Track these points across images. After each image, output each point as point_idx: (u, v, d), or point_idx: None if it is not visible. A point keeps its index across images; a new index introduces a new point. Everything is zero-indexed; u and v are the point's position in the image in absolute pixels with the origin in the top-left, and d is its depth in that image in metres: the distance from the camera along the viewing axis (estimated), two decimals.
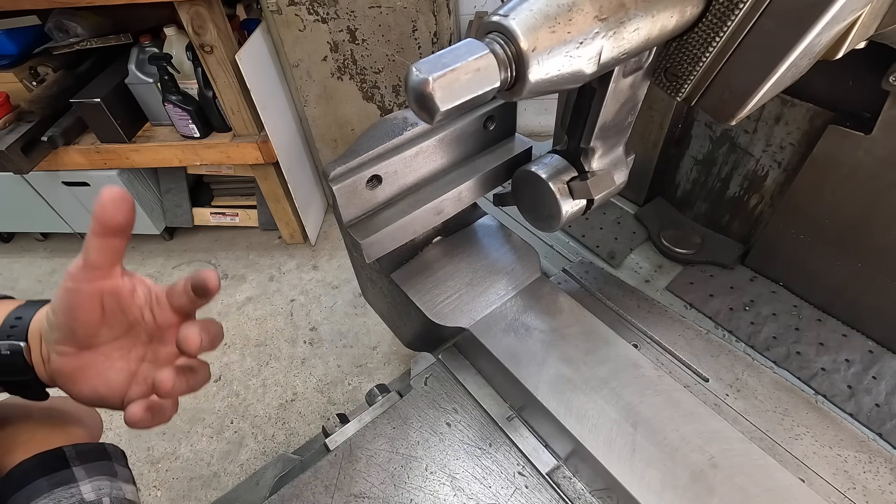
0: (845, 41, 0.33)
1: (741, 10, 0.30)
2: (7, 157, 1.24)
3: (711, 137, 0.63)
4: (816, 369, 0.54)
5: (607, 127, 0.41)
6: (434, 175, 0.51)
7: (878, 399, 0.51)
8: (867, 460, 0.45)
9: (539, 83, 0.29)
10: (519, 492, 0.45)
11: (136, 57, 1.36)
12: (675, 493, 0.40)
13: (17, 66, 1.39)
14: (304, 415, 1.26)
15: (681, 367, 0.53)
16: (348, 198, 0.45)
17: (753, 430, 0.47)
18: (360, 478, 0.47)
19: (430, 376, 0.54)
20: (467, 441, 0.49)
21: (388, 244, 0.49)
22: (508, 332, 0.51)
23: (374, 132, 0.46)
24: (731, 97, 0.34)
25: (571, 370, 0.48)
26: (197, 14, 1.18)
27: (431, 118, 0.29)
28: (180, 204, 1.75)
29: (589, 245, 0.70)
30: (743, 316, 0.59)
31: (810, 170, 0.53)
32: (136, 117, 1.48)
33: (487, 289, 0.55)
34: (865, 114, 0.49)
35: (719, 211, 0.67)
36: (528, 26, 0.27)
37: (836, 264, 0.56)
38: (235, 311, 1.53)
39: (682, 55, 0.34)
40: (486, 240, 0.60)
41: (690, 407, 0.45)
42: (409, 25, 1.41)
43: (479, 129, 0.51)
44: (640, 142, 0.68)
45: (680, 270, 0.66)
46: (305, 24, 1.41)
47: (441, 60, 0.28)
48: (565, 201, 0.45)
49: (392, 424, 0.50)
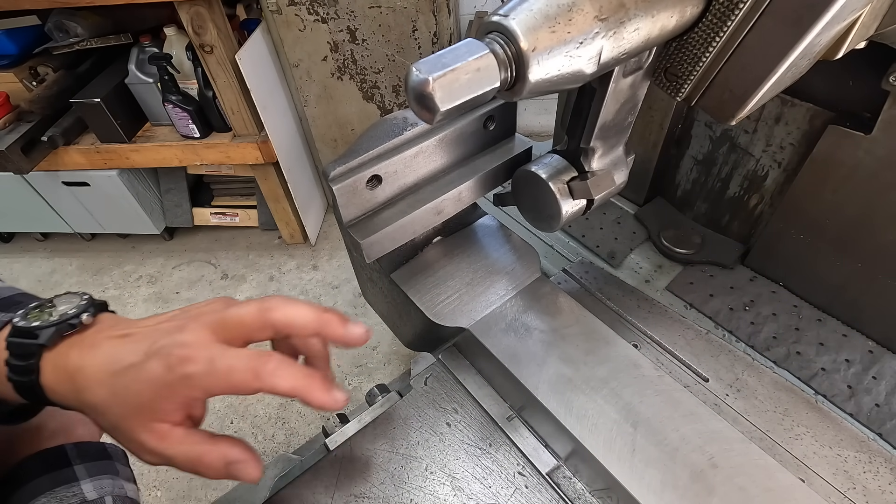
0: (845, 41, 0.33)
1: (741, 10, 0.30)
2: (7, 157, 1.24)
3: (711, 137, 0.63)
4: (816, 369, 0.54)
5: (607, 127, 0.41)
6: (434, 175, 0.51)
7: (878, 399, 0.51)
8: (867, 460, 0.45)
9: (539, 83, 0.29)
10: (519, 492, 0.45)
11: (136, 57, 1.36)
12: (675, 493, 0.40)
13: (17, 66, 1.39)
14: (304, 415, 1.26)
15: (681, 367, 0.53)
16: (348, 198, 0.45)
17: (753, 430, 0.47)
18: (360, 478, 0.47)
19: (430, 376, 0.54)
20: (467, 441, 0.49)
21: (388, 244, 0.49)
22: (508, 332, 0.51)
23: (374, 132, 0.46)
24: (731, 97, 0.34)
25: (571, 370, 0.48)
26: (197, 14, 1.18)
27: (431, 118, 0.29)
28: (180, 204, 1.75)
29: (589, 245, 0.70)
30: (743, 316, 0.59)
31: (810, 170, 0.53)
32: (136, 117, 1.48)
33: (487, 289, 0.55)
34: (865, 114, 0.49)
35: (719, 211, 0.67)
36: (528, 26, 0.27)
37: (836, 264, 0.56)
38: None
39: (682, 55, 0.34)
40: (486, 240, 0.60)
41: (690, 407, 0.45)
42: (409, 25, 1.41)
43: (479, 129, 0.51)
44: (640, 142, 0.68)
45: (680, 270, 0.66)
46: (305, 24, 1.41)
47: (441, 60, 0.28)
48: (565, 201, 0.45)
49: (392, 424, 0.50)
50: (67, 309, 0.35)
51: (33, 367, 0.34)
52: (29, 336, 0.34)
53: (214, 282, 1.68)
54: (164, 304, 1.60)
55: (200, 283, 1.69)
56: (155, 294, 1.67)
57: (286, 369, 0.34)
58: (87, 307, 0.36)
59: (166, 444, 0.33)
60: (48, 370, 0.34)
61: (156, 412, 0.33)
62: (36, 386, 0.34)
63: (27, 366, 0.33)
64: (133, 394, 0.32)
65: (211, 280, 1.70)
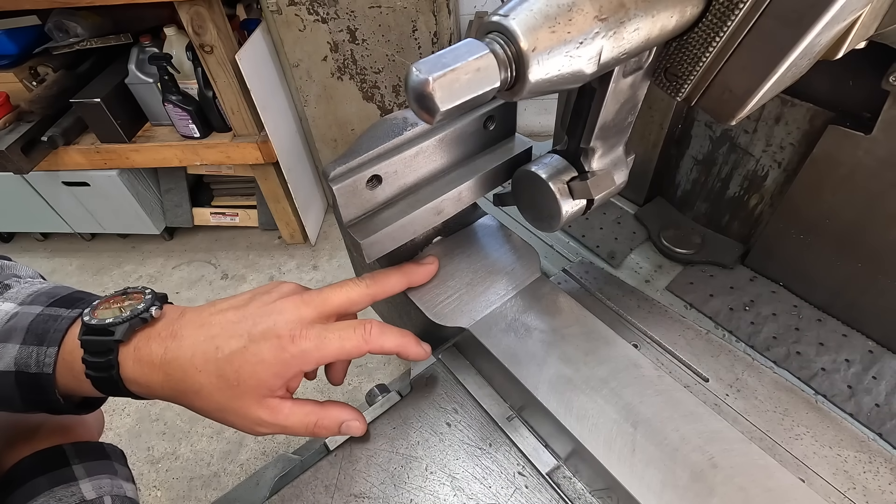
0: (845, 41, 0.33)
1: (741, 10, 0.30)
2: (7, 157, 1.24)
3: (711, 137, 0.63)
4: (816, 369, 0.54)
5: (607, 127, 0.41)
6: (434, 175, 0.51)
7: (878, 399, 0.51)
8: (867, 460, 0.45)
9: (539, 83, 0.29)
10: (519, 492, 0.45)
11: (136, 57, 1.36)
12: (675, 493, 0.40)
13: (17, 66, 1.40)
14: None
15: (681, 367, 0.53)
16: (348, 198, 0.45)
17: (753, 430, 0.47)
18: (360, 478, 0.47)
19: (430, 376, 0.54)
20: (467, 441, 0.49)
21: (388, 244, 0.49)
22: (508, 332, 0.51)
23: (374, 132, 0.46)
24: (731, 97, 0.34)
25: (571, 370, 0.48)
26: (197, 14, 1.18)
27: (431, 118, 0.29)
28: (180, 204, 1.75)
29: (589, 245, 0.70)
30: (743, 316, 0.59)
31: (810, 170, 0.53)
32: (136, 117, 1.48)
33: (487, 289, 0.55)
34: (865, 114, 0.49)
35: (719, 211, 0.67)
36: (528, 26, 0.27)
37: (836, 264, 0.56)
38: None
39: (682, 55, 0.34)
40: (486, 240, 0.60)
41: (690, 407, 0.45)
42: (409, 25, 1.41)
43: (479, 129, 0.51)
44: (640, 142, 0.68)
45: (680, 270, 0.66)
46: (305, 24, 1.41)
47: (441, 60, 0.28)
48: (565, 201, 0.45)
49: (392, 424, 0.50)
50: (135, 304, 0.37)
51: (112, 363, 0.35)
52: (104, 333, 0.35)
53: (214, 282, 1.68)
54: None
55: (200, 283, 1.69)
56: None
57: (387, 331, 0.42)
58: (153, 301, 0.38)
59: (282, 416, 0.38)
60: (128, 365, 0.35)
61: (270, 389, 0.36)
62: (116, 380, 0.35)
63: (106, 362, 0.35)
64: (248, 375, 0.35)
65: (211, 280, 1.70)
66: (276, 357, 0.35)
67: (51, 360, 0.35)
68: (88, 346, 0.35)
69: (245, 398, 0.36)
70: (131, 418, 1.32)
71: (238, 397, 0.36)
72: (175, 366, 0.35)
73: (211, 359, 0.35)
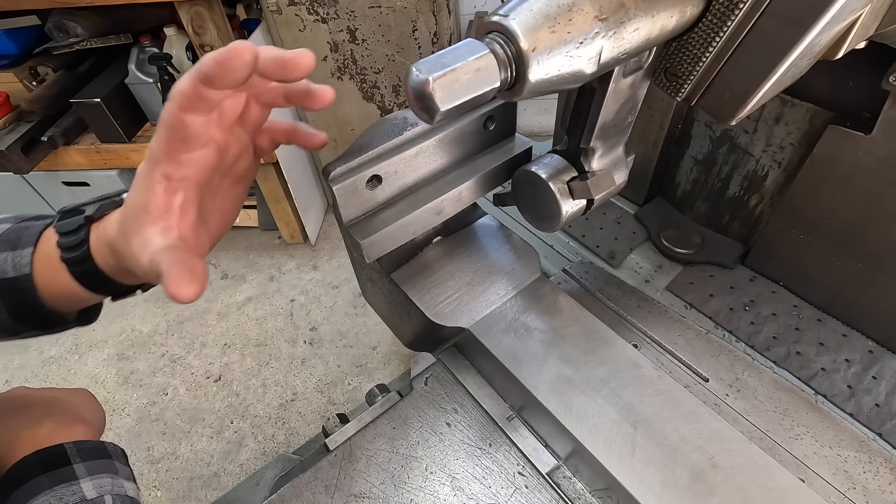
0: (845, 41, 0.33)
1: (741, 10, 0.30)
2: (7, 157, 1.24)
3: (711, 137, 0.63)
4: (816, 369, 0.54)
5: (607, 127, 0.41)
6: (434, 175, 0.51)
7: (878, 399, 0.51)
8: (867, 460, 0.45)
9: (539, 83, 0.29)
10: (519, 492, 0.45)
11: (136, 57, 1.36)
12: (675, 493, 0.40)
13: (17, 66, 1.39)
14: (304, 415, 1.25)
15: (681, 367, 0.53)
16: (348, 198, 0.45)
17: (753, 430, 0.47)
18: (360, 478, 0.47)
19: (430, 376, 0.54)
20: (467, 441, 0.49)
21: (388, 244, 0.49)
22: (508, 332, 0.51)
23: (374, 132, 0.46)
24: (731, 97, 0.34)
25: (571, 370, 0.48)
26: (197, 14, 1.18)
27: (431, 118, 0.29)
28: None
29: (589, 245, 0.70)
30: (743, 316, 0.59)
31: (810, 170, 0.53)
32: (136, 117, 1.48)
33: (487, 289, 0.55)
34: (865, 114, 0.49)
35: (719, 211, 0.67)
36: (528, 26, 0.27)
37: (835, 264, 0.56)
38: (235, 312, 1.53)
39: (682, 55, 0.34)
40: (486, 240, 0.60)
41: (690, 407, 0.45)
42: (409, 25, 1.41)
43: (479, 129, 0.51)
44: (640, 142, 0.68)
45: (680, 270, 0.66)
46: (305, 24, 1.41)
47: (441, 60, 0.28)
48: (565, 201, 0.45)
49: (392, 424, 0.50)
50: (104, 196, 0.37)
51: (83, 239, 0.35)
52: (76, 213, 0.36)
53: (214, 282, 1.68)
54: (164, 304, 1.60)
55: None
56: (155, 294, 1.67)
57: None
58: (122, 192, 0.37)
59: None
60: (98, 251, 0.35)
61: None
62: (88, 259, 0.35)
63: (77, 239, 0.35)
64: (128, 210, 0.33)
65: (211, 280, 1.70)
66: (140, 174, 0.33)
67: (27, 261, 0.35)
68: (62, 228, 0.35)
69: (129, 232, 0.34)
70: (131, 418, 1.32)
71: (126, 234, 0.34)
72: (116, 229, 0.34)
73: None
